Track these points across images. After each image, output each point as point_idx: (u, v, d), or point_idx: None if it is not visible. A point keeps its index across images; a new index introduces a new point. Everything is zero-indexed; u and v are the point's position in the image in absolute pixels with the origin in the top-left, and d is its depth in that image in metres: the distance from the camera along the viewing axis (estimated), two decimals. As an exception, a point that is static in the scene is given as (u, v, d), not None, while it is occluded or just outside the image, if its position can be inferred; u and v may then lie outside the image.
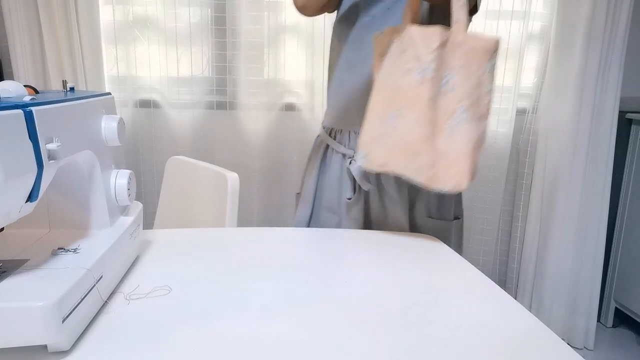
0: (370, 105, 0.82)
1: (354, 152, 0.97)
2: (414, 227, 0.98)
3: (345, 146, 1.00)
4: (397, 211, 0.96)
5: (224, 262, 0.71)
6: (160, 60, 1.75)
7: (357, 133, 0.98)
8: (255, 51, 1.75)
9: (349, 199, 0.98)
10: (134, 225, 0.67)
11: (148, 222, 1.67)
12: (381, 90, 0.81)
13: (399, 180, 0.94)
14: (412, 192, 0.97)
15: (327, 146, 1.05)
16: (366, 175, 0.94)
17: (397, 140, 0.79)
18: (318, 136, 1.10)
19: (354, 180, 0.96)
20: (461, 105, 0.77)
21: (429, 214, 0.97)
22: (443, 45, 0.76)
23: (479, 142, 0.78)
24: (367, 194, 0.98)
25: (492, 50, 0.76)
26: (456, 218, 1.00)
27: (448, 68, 0.76)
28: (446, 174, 0.78)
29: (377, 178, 0.96)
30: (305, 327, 0.53)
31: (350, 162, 0.97)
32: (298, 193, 1.12)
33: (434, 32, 0.76)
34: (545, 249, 1.94)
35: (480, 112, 0.78)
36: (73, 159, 0.56)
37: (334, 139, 1.03)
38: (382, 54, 0.82)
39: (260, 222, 1.88)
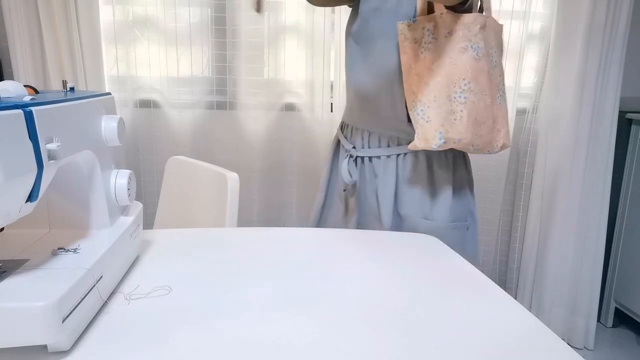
0: (427, 87, 0.87)
1: (352, 147, 1.03)
2: (402, 227, 0.98)
3: (347, 140, 1.05)
4: (383, 208, 0.98)
5: (224, 262, 0.71)
6: (160, 60, 1.75)
7: (357, 130, 1.02)
8: (255, 51, 1.75)
9: (344, 190, 1.04)
10: (134, 225, 0.67)
11: (148, 222, 1.67)
12: (438, 72, 0.86)
13: (385, 178, 0.98)
14: (401, 190, 0.97)
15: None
16: (351, 171, 1.01)
17: (469, 113, 0.87)
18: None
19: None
20: (502, 78, 0.93)
21: (423, 215, 0.96)
22: (483, 27, 0.87)
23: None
24: (360, 187, 1.03)
25: (501, 32, 0.95)
26: (458, 221, 0.97)
27: (490, 47, 0.89)
28: (497, 136, 0.92)
29: (363, 173, 1.01)
30: (305, 327, 0.53)
31: (346, 156, 1.03)
32: None
33: (474, 16, 0.86)
34: (545, 249, 1.94)
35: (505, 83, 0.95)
36: (73, 159, 0.56)
37: (342, 132, 1.09)
38: (416, 41, 0.87)
39: (260, 222, 1.88)
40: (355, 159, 1.02)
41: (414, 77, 0.88)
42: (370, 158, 1.00)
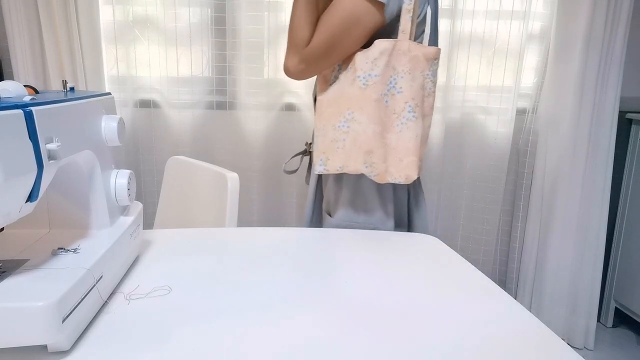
0: (320, 118, 0.92)
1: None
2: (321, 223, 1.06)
3: None
4: (308, 202, 1.08)
5: (224, 262, 0.71)
6: (160, 60, 1.75)
7: None
8: (255, 51, 1.75)
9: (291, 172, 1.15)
10: (134, 225, 0.67)
11: (148, 222, 1.67)
12: (331, 103, 0.90)
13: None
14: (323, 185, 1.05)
15: None
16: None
17: (352, 141, 0.89)
18: None
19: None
20: (409, 105, 0.88)
21: (327, 210, 1.04)
22: (385, 53, 0.86)
23: (424, 138, 0.92)
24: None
25: (433, 57, 0.90)
26: (355, 221, 1.00)
27: (395, 73, 0.87)
28: (397, 167, 0.90)
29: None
30: (305, 327, 0.53)
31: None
32: None
33: (376, 43, 0.86)
34: (545, 249, 1.94)
35: (424, 111, 0.91)
36: (73, 159, 0.56)
37: None
38: (325, 75, 0.92)
39: (260, 222, 1.88)
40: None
41: (317, 104, 0.93)
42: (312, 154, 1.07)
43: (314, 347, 0.49)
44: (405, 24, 0.87)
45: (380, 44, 0.86)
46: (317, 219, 1.11)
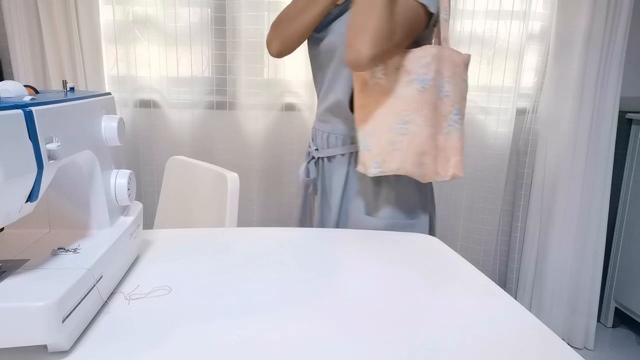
0: (370, 121, 0.92)
1: (315, 149, 1.09)
2: (347, 224, 1.04)
3: (313, 142, 1.11)
4: (332, 202, 1.06)
5: (224, 262, 0.71)
6: (160, 60, 1.75)
7: (319, 131, 1.08)
8: (255, 51, 1.75)
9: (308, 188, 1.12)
10: (134, 225, 0.67)
11: (148, 222, 1.67)
12: (383, 104, 0.90)
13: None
14: (348, 186, 1.04)
15: None
16: (310, 169, 1.09)
17: (409, 143, 0.90)
18: None
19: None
20: (455, 108, 0.92)
21: (366, 211, 1.01)
22: (435, 58, 0.89)
23: (464, 138, 0.97)
24: (320, 186, 1.10)
25: (467, 63, 0.96)
26: (398, 219, 1.01)
27: (442, 78, 0.91)
28: (445, 166, 0.93)
29: (323, 173, 1.08)
30: (305, 327, 0.53)
31: (308, 158, 1.11)
32: None
33: (424, 49, 0.89)
34: (545, 249, 1.94)
35: (463, 113, 0.95)
36: (73, 159, 0.56)
37: (311, 137, 1.15)
38: (365, 76, 0.91)
39: (260, 222, 1.88)
40: (317, 160, 1.08)
41: (360, 108, 0.93)
42: (329, 158, 1.05)
43: (314, 347, 0.49)
44: (445, 32, 0.92)
45: (430, 49, 0.89)
46: (309, 220, 1.12)
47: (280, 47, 1.02)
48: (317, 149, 1.08)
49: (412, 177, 0.92)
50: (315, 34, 1.01)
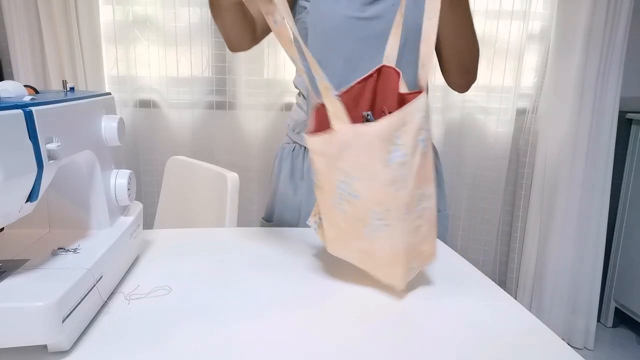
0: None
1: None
2: None
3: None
4: None
5: (224, 262, 0.71)
6: (160, 60, 1.75)
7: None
8: (255, 51, 1.75)
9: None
10: (134, 225, 0.67)
11: (148, 222, 1.66)
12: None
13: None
14: None
15: None
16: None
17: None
18: None
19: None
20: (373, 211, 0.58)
21: None
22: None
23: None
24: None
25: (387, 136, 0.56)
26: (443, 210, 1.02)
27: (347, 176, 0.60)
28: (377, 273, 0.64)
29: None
30: (305, 327, 0.53)
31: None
32: None
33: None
34: (545, 249, 1.94)
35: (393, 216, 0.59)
36: (73, 159, 0.56)
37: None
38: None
39: (260, 222, 1.88)
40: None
41: None
42: None
43: (314, 347, 0.49)
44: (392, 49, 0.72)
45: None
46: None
47: (228, 45, 0.96)
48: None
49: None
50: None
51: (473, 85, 0.97)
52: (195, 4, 1.71)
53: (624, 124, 1.99)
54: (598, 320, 2.06)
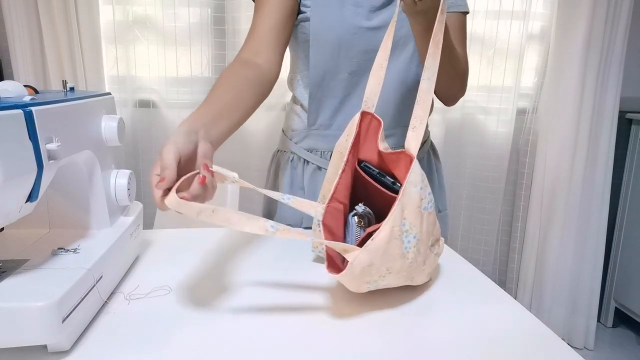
0: None
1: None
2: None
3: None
4: None
5: (224, 262, 0.71)
6: (160, 61, 1.75)
7: None
8: (255, 51, 1.75)
9: None
10: (134, 225, 0.67)
11: (148, 222, 1.66)
12: None
13: None
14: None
15: None
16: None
17: None
18: None
19: None
20: None
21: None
22: None
23: None
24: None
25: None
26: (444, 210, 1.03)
27: None
28: None
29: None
30: (304, 327, 0.53)
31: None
32: None
33: None
34: (545, 249, 1.93)
35: None
36: (73, 159, 0.56)
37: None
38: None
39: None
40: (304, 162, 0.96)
41: None
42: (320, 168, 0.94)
43: (314, 347, 0.49)
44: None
45: None
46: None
47: None
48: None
49: None
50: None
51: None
52: (195, 4, 1.71)
53: (624, 124, 1.99)
54: (598, 320, 2.06)
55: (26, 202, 0.47)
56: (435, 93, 0.93)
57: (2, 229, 0.60)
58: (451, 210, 1.98)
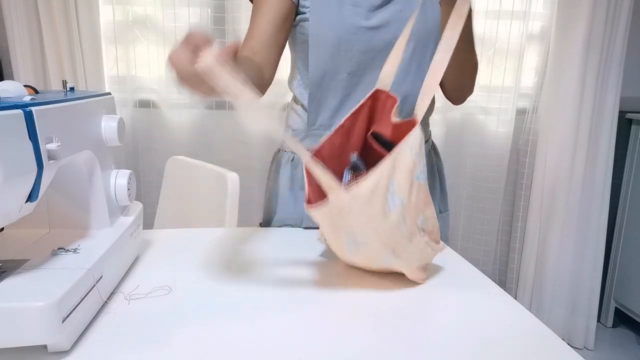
0: None
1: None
2: None
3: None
4: None
5: (224, 262, 0.71)
6: (160, 61, 1.75)
7: None
8: (255, 51, 1.75)
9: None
10: (134, 225, 0.67)
11: (148, 222, 1.66)
12: None
13: None
14: None
15: None
16: None
17: None
18: None
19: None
20: None
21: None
22: None
23: None
24: None
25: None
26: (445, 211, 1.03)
27: None
28: None
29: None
30: (304, 327, 0.53)
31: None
32: None
33: None
34: (545, 249, 1.93)
35: None
36: (73, 159, 0.56)
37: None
38: None
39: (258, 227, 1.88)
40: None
41: None
42: None
43: (314, 347, 0.49)
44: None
45: None
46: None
47: None
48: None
49: None
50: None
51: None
52: (195, 4, 1.71)
53: (624, 124, 1.99)
54: (598, 320, 2.06)
55: (26, 202, 0.47)
56: (445, 91, 0.93)
57: (2, 229, 0.60)
58: (451, 210, 1.98)
